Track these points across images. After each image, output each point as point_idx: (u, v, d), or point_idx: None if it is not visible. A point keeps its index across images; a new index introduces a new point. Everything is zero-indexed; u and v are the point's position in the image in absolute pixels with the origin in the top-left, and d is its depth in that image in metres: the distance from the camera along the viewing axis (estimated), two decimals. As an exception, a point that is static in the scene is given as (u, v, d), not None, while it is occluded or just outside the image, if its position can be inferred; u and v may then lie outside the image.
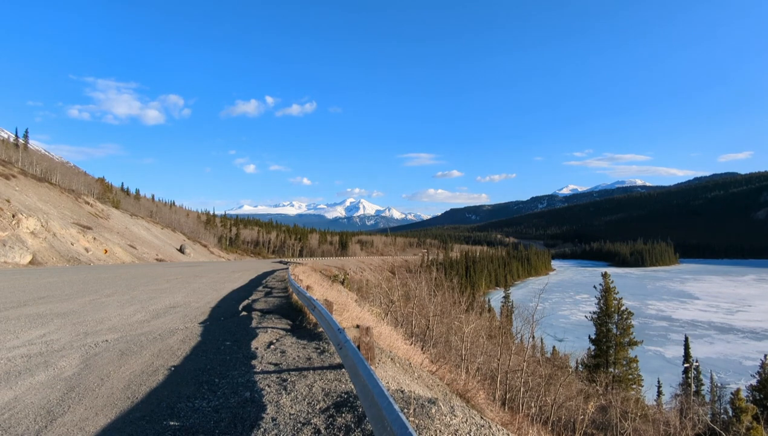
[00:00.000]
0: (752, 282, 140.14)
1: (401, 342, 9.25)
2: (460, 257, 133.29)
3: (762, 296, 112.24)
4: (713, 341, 68.48)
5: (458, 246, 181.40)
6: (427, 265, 79.40)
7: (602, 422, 19.01)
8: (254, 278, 19.30)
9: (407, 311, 18.53)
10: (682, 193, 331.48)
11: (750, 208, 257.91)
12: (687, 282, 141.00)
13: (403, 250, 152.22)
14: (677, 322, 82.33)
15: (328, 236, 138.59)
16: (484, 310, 36.19)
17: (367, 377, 2.63)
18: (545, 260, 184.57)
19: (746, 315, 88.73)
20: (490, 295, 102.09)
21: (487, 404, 7.83)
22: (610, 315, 30.36)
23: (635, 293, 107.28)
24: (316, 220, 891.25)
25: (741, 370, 45.53)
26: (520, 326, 21.91)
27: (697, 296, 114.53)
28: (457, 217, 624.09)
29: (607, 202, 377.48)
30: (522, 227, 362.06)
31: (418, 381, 5.61)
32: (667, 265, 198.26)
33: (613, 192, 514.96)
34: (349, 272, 69.51)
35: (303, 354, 5.27)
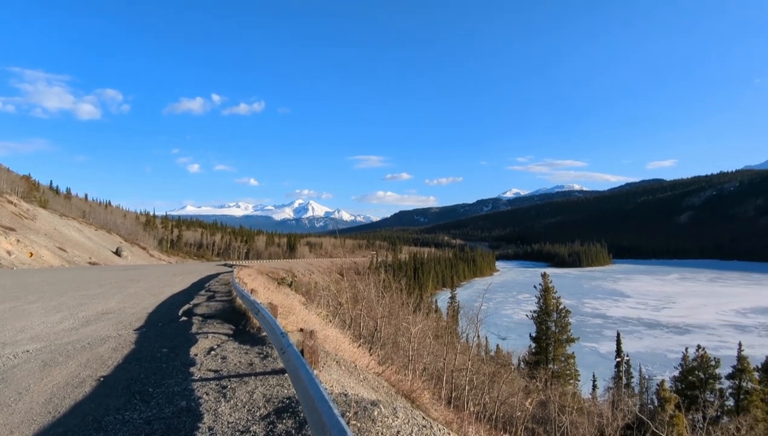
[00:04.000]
0: (676, 281, 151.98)
1: (348, 345, 9.20)
2: (409, 258, 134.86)
3: (684, 293, 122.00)
4: (642, 336, 73.50)
5: (407, 248, 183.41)
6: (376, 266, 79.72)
7: (542, 416, 19.84)
8: (196, 282, 18.56)
9: (355, 313, 18.47)
10: (615, 198, 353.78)
11: (674, 213, 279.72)
12: (619, 281, 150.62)
13: (352, 252, 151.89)
14: (610, 319, 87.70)
15: (275, 237, 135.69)
16: (431, 310, 36.74)
17: (308, 382, 2.58)
18: (490, 261, 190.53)
19: (671, 311, 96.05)
20: (438, 295, 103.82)
21: (432, 403, 7.96)
22: (550, 314, 31.81)
23: (573, 292, 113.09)
24: (263, 221, 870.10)
25: (666, 362, 49.09)
26: (466, 326, 22.48)
27: (628, 294, 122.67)
28: (406, 219, 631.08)
29: (548, 206, 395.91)
30: (468, 229, 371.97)
31: (363, 383, 5.60)
32: (601, 265, 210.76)
33: (553, 196, 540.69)
34: (298, 274, 68.39)
35: (245, 360, 5.11)
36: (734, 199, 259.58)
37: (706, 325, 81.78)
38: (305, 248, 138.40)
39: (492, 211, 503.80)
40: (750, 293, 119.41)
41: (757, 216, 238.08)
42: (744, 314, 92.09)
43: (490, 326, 68.07)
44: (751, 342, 54.25)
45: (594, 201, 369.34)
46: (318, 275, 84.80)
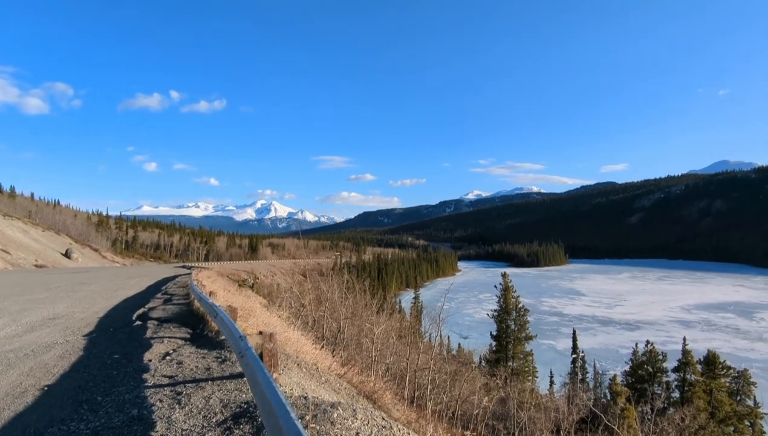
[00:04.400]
0: (627, 279, 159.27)
1: (310, 347, 9.11)
2: (373, 259, 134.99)
3: (635, 291, 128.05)
4: (596, 333, 76.57)
5: (371, 249, 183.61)
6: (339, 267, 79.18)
7: (502, 413, 20.31)
8: (152, 285, 17.89)
9: (318, 315, 18.31)
10: (571, 200, 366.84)
11: (625, 214, 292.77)
12: (575, 280, 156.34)
13: (315, 253, 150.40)
14: (567, 317, 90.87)
15: (237, 238, 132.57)
16: (394, 311, 36.93)
17: (266, 386, 2.54)
18: (452, 262, 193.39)
19: (623, 309, 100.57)
20: (401, 296, 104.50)
21: (394, 403, 8.00)
22: (509, 312, 32.60)
23: (531, 291, 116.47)
24: (224, 222, 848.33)
25: (618, 358, 51.29)
26: (429, 326, 22.72)
27: (583, 292, 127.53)
28: (370, 220, 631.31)
29: (508, 208, 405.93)
30: (431, 230, 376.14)
31: (325, 385, 5.56)
32: (558, 265, 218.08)
33: (513, 198, 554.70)
34: (259, 276, 67.12)
35: (202, 364, 4.96)
36: (680, 202, 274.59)
37: (654, 321, 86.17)
38: (267, 249, 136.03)
39: (454, 213, 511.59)
40: (694, 291, 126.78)
41: (700, 218, 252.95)
42: (688, 311, 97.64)
43: (453, 326, 69.20)
44: (694, 337, 57.52)
45: (551, 203, 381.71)
46: (280, 276, 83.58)
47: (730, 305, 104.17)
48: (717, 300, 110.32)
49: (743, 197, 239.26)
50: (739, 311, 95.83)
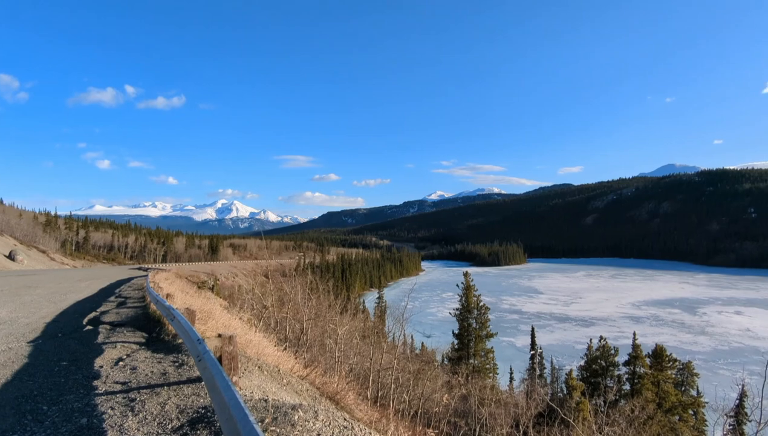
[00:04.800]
0: (583, 277, 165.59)
1: (272, 349, 8.97)
2: (337, 259, 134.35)
3: (590, 289, 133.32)
4: (554, 330, 79.18)
5: (335, 249, 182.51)
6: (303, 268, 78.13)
7: (463, 410, 20.68)
8: (105, 287, 17.13)
9: (281, 316, 18.06)
10: (530, 201, 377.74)
11: (581, 215, 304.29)
12: (534, 279, 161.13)
13: (278, 253, 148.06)
14: (526, 314, 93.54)
15: (196, 239, 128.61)
16: (358, 311, 36.96)
17: (224, 389, 2.49)
18: (416, 262, 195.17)
19: (578, 306, 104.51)
20: (365, 296, 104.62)
21: (357, 403, 8.00)
22: (471, 311, 33.23)
23: (492, 289, 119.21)
24: (183, 222, 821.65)
25: (574, 353, 53.23)
26: (392, 325, 22.83)
27: (541, 291, 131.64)
28: (334, 220, 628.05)
29: (470, 208, 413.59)
30: (395, 230, 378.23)
31: (287, 388, 5.50)
32: (518, 264, 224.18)
33: (475, 199, 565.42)
34: (220, 277, 65.36)
35: (158, 369, 4.80)
36: (631, 204, 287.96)
37: (607, 317, 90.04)
38: (229, 249, 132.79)
39: (418, 213, 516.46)
40: (644, 288, 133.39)
41: (649, 219, 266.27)
42: (638, 307, 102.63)
43: (416, 325, 69.82)
44: (644, 331, 60.64)
45: (511, 204, 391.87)
46: (242, 277, 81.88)
47: (676, 301, 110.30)
48: (664, 297, 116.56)
49: (687, 199, 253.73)
50: (684, 307, 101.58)
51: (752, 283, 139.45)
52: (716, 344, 69.40)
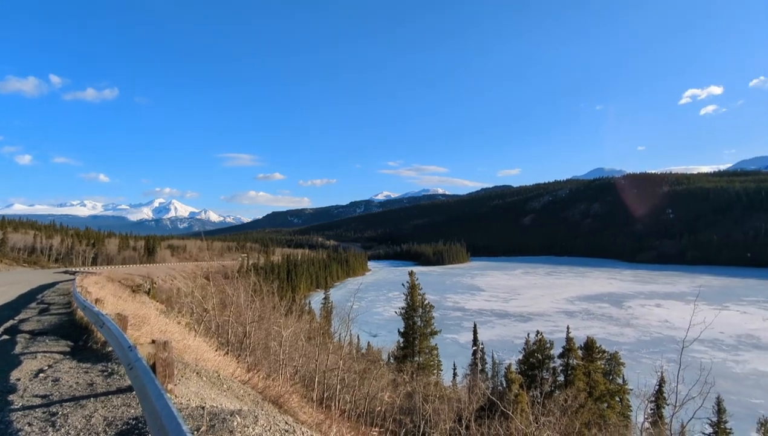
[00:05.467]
0: (521, 275, 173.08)
1: (213, 353, 8.66)
2: (282, 260, 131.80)
3: (527, 286, 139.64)
4: (494, 326, 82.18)
5: (280, 250, 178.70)
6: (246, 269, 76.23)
7: (408, 407, 20.96)
8: (26, 293, 15.78)
9: (223, 320, 17.45)
10: (472, 202, 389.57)
11: (519, 215, 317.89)
12: (476, 277, 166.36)
13: (220, 255, 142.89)
14: (469, 311, 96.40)
15: (131, 240, 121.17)
16: (304, 312, 36.46)
17: (156, 398, 2.36)
18: (362, 262, 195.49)
19: (517, 302, 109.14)
20: (311, 297, 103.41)
21: (301, 406, 7.89)
22: (416, 309, 33.77)
23: (436, 288, 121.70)
24: (116, 222, 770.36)
25: (513, 348, 55.36)
26: (338, 326, 22.74)
27: (483, 288, 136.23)
28: (280, 220, 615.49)
29: (415, 208, 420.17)
30: (342, 230, 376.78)
31: (227, 393, 5.31)
32: (461, 263, 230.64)
33: (420, 199, 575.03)
34: (157, 280, 62.30)
35: (84, 380, 4.47)
36: (565, 205, 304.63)
37: (544, 312, 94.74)
38: (167, 251, 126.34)
39: (365, 213, 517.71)
40: (576, 284, 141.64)
41: (581, 219, 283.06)
42: (572, 302, 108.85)
43: (362, 324, 69.80)
44: (576, 325, 64.23)
45: (455, 204, 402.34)
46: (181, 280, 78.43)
47: (605, 295, 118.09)
48: (595, 292, 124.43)
49: (615, 201, 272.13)
50: (612, 301, 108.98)
51: (670, 278, 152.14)
52: (639, 334, 75.05)
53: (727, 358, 61.58)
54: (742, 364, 59.85)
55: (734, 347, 67.20)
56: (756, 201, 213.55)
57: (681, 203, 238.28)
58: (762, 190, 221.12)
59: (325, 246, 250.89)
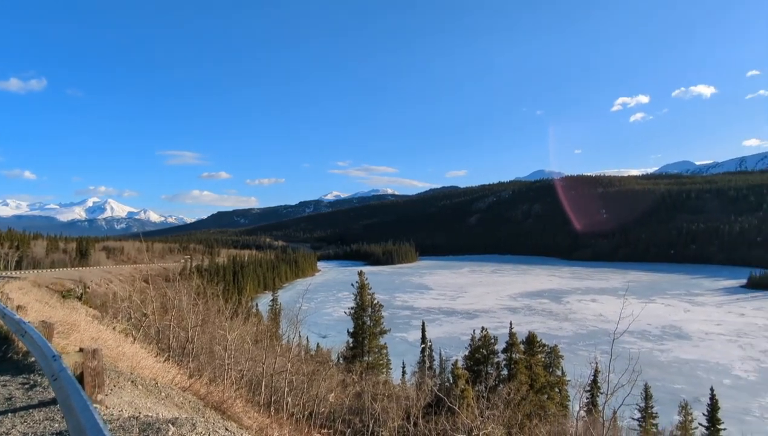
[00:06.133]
0: (467, 273, 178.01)
1: (151, 360, 8.25)
2: (228, 261, 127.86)
3: (474, 284, 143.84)
4: (442, 323, 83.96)
5: (226, 251, 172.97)
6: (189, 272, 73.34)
7: (357, 407, 20.96)
8: (-69, 301, 14.23)
9: (164, 325, 16.69)
10: (421, 202, 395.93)
11: (466, 215, 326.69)
12: (424, 276, 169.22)
13: (161, 256, 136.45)
14: (417, 310, 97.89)
15: (61, 242, 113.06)
16: (250, 315, 35.53)
17: (81, 410, 2.20)
18: (312, 262, 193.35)
19: (464, 300, 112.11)
20: (259, 299, 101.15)
21: (246, 411, 7.69)
22: (365, 309, 33.86)
23: (386, 287, 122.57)
24: (43, 223, 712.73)
25: (460, 344, 56.78)
26: (287, 328, 22.34)
27: (431, 287, 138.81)
28: (225, 220, 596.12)
29: (365, 208, 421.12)
30: (291, 231, 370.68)
31: (165, 401, 5.07)
32: (410, 262, 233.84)
33: (370, 199, 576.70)
34: (91, 284, 58.75)
35: (2, 394, 4.11)
36: (508, 205, 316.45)
37: (489, 309, 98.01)
38: (102, 253, 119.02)
39: (314, 213, 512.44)
40: (519, 281, 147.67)
41: (524, 219, 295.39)
42: (515, 299, 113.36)
43: (312, 326, 69.20)
44: (519, 321, 66.94)
45: (404, 204, 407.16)
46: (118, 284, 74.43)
47: (546, 292, 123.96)
48: (536, 288, 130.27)
49: (555, 202, 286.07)
50: (552, 297, 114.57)
51: (604, 274, 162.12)
52: (577, 328, 79.46)
53: (653, 348, 66.54)
54: (666, 353, 64.90)
55: (659, 337, 72.75)
56: (678, 202, 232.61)
57: (613, 204, 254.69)
58: (683, 193, 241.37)
59: (274, 247, 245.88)
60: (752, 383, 53.38)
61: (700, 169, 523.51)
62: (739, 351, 65.35)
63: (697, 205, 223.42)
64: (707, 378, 50.77)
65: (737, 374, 56.25)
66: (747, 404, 46.48)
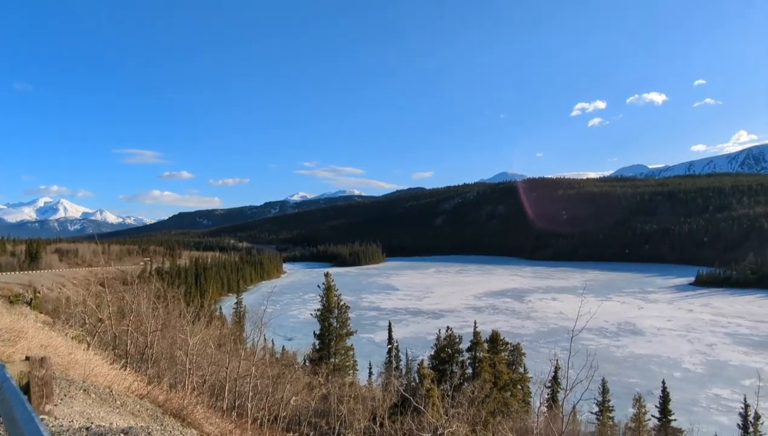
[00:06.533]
0: (433, 274, 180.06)
1: (106, 367, 7.93)
2: (190, 264, 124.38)
3: (440, 284, 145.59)
4: (408, 324, 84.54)
5: (188, 253, 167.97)
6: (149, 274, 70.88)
7: (324, 409, 20.82)
8: None
9: (121, 330, 16.08)
10: (388, 203, 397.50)
11: (432, 216, 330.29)
12: (391, 277, 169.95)
13: (119, 259, 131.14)
14: (384, 310, 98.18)
15: (8, 244, 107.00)
16: (214, 318, 34.72)
17: (25, 423, 2.09)
18: (277, 264, 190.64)
19: (430, 300, 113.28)
20: (222, 302, 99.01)
21: (208, 417, 7.50)
22: (332, 311, 33.68)
23: (353, 288, 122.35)
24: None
25: (426, 344, 57.17)
26: (251, 331, 21.94)
27: (398, 287, 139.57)
28: (187, 221, 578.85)
29: (332, 209, 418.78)
30: (256, 232, 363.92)
31: (120, 410, 4.88)
32: (377, 263, 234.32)
33: (337, 200, 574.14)
34: (42, 289, 55.85)
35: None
36: (473, 206, 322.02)
37: (454, 309, 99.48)
38: (54, 256, 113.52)
39: (280, 214, 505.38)
40: (483, 281, 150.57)
41: (488, 220, 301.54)
42: (479, 298, 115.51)
43: (278, 328, 68.29)
44: (483, 320, 68.33)
45: (371, 205, 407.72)
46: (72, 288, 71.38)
47: (509, 291, 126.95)
48: (500, 288, 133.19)
49: (517, 203, 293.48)
50: (514, 296, 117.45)
51: (564, 273, 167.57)
52: (538, 326, 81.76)
53: (610, 344, 69.30)
54: (622, 348, 67.74)
55: (616, 333, 75.85)
56: (632, 204, 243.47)
57: (573, 206, 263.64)
58: (638, 195, 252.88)
59: (238, 248, 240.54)
60: (700, 375, 56.48)
61: (653, 173, 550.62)
62: (688, 345, 68.99)
63: (650, 207, 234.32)
64: (659, 372, 53.32)
65: (686, 367, 59.37)
66: (695, 396, 49.15)
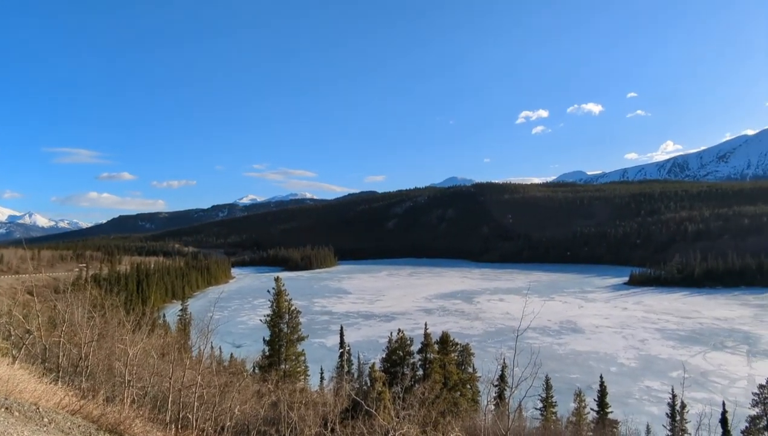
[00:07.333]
0: (385, 277, 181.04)
1: (33, 383, 7.37)
2: (131, 270, 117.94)
3: (391, 287, 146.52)
4: (360, 327, 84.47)
5: (129, 258, 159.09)
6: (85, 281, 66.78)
7: (273, 417, 20.32)
8: None
9: (52, 342, 15.01)
10: (340, 207, 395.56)
11: (384, 220, 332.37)
12: (343, 280, 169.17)
13: (51, 265, 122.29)
14: (336, 314, 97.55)
15: None
16: (156, 326, 33.10)
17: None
18: (226, 268, 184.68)
19: (382, 303, 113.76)
20: (166, 309, 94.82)
21: (147, 431, 7.13)
22: (282, 316, 33.02)
23: (304, 293, 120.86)
24: None
25: (378, 347, 57.33)
26: (197, 338, 21.16)
27: (350, 291, 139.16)
28: (128, 225, 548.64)
29: (283, 213, 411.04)
30: (202, 236, 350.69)
31: (48, 427, 4.54)
32: (329, 267, 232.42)
33: (288, 203, 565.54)
34: (-43, 298, 50.89)
35: None
36: (424, 210, 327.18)
37: (405, 311, 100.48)
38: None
39: (228, 217, 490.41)
40: (434, 283, 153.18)
41: (438, 223, 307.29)
42: (430, 300, 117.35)
43: (225, 335, 66.18)
44: (434, 321, 69.52)
45: (323, 208, 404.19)
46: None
47: (458, 293, 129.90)
48: (450, 290, 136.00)
49: (466, 207, 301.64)
50: (464, 297, 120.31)
51: (510, 275, 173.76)
52: (486, 326, 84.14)
53: (553, 342, 72.51)
54: (564, 346, 71.04)
55: (558, 332, 79.41)
56: (573, 208, 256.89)
57: (518, 210, 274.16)
58: (577, 200, 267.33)
59: (183, 253, 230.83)
60: (633, 369, 60.31)
61: (591, 179, 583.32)
62: (623, 341, 73.46)
63: (589, 211, 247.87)
64: (597, 367, 56.33)
65: (621, 361, 63.20)
66: (629, 388, 52.41)
